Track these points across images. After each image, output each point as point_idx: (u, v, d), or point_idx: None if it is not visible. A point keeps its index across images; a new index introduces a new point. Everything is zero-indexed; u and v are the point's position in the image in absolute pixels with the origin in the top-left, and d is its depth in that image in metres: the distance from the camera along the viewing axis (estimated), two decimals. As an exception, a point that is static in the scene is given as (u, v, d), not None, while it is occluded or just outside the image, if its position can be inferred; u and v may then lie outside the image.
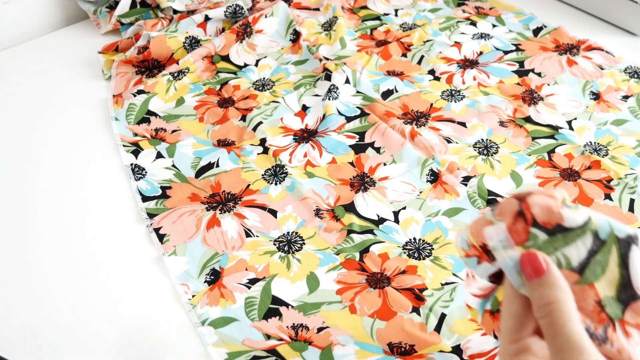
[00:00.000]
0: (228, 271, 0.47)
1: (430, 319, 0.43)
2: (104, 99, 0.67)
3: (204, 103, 0.65)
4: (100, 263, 0.49)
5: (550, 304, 0.25)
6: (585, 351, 0.23)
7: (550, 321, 0.24)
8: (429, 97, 0.64)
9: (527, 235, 0.28)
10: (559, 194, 0.29)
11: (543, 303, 0.25)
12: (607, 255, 0.28)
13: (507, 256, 0.27)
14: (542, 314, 0.25)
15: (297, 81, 0.68)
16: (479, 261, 0.30)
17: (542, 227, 0.28)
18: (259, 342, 0.42)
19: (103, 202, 0.54)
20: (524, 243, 0.28)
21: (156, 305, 0.46)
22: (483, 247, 0.30)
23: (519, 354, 0.25)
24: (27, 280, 0.48)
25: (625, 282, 0.28)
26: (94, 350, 0.43)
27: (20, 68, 0.73)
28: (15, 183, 0.57)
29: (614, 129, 0.60)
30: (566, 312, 0.24)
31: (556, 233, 0.28)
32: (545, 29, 0.75)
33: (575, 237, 0.28)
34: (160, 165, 0.58)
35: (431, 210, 0.52)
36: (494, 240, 0.28)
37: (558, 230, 0.28)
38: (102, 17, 0.79)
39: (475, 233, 0.30)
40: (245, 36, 0.73)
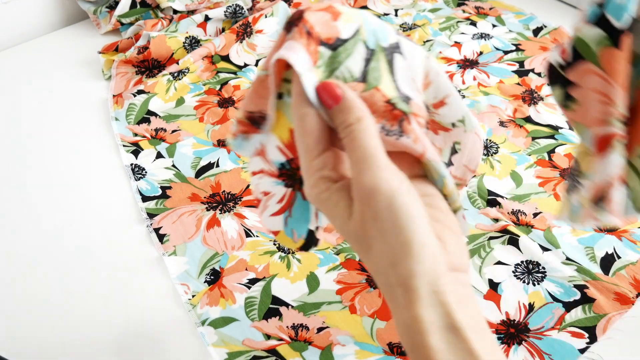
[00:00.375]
0: (228, 271, 0.47)
1: (430, 319, 0.43)
2: (104, 99, 0.67)
3: (204, 103, 0.65)
4: (100, 263, 0.49)
5: (351, 125, 0.26)
6: (378, 159, 0.25)
7: (352, 138, 0.26)
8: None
9: (317, 55, 0.27)
10: (325, 4, 0.29)
11: (345, 125, 0.26)
12: (378, 62, 0.29)
13: (308, 83, 0.26)
14: (345, 134, 0.26)
15: (297, 81, 0.68)
16: (247, 136, 0.31)
17: (326, 43, 0.28)
18: (259, 342, 0.42)
19: (103, 202, 0.54)
20: (316, 64, 0.27)
21: (156, 305, 0.46)
22: (249, 117, 0.30)
23: (323, 168, 0.27)
24: (26, 280, 0.48)
25: (396, 87, 0.29)
26: (93, 350, 0.43)
27: (20, 68, 0.73)
28: (14, 183, 0.57)
29: (614, 129, 0.60)
30: (364, 129, 0.26)
31: (338, 47, 0.28)
32: (545, 29, 0.75)
33: (351, 48, 0.28)
34: (160, 165, 0.58)
35: (431, 210, 0.52)
36: (300, 62, 0.26)
37: (339, 44, 0.28)
38: (102, 17, 0.79)
39: (272, 64, 0.27)
40: (245, 36, 0.73)
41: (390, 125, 0.28)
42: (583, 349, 0.41)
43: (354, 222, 0.27)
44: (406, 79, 0.30)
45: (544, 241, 0.48)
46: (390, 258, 0.26)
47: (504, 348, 0.41)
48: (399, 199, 0.25)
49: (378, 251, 0.26)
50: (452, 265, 0.26)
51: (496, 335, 0.42)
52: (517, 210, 0.51)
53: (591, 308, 0.43)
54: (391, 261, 0.25)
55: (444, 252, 0.26)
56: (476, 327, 0.25)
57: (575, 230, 0.49)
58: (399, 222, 0.25)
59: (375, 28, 0.29)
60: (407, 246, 0.25)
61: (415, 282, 0.25)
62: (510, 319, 0.43)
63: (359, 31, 0.29)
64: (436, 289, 0.25)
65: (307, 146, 0.27)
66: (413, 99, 0.29)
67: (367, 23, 0.29)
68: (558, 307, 0.44)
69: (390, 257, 0.26)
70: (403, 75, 0.30)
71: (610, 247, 0.47)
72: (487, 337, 0.26)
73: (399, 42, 0.30)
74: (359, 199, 0.26)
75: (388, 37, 0.29)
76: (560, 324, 0.42)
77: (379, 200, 0.25)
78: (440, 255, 0.26)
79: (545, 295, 0.44)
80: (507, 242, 0.48)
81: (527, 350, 0.41)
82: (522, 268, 0.46)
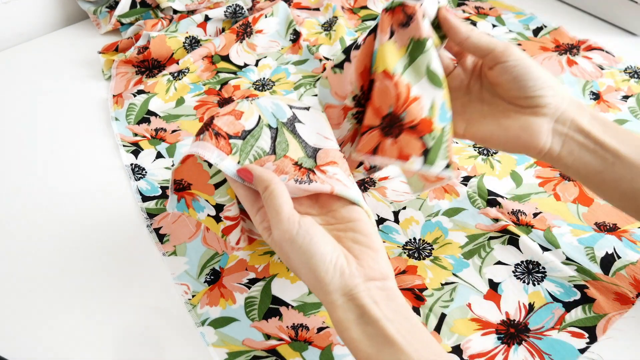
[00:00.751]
0: (228, 271, 0.47)
1: (430, 319, 0.43)
2: (104, 99, 0.67)
3: (204, 103, 0.65)
4: (99, 263, 0.49)
5: (265, 190, 0.36)
6: (282, 215, 0.35)
7: (265, 202, 0.36)
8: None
9: (230, 146, 0.38)
10: (230, 108, 0.40)
11: (261, 192, 0.36)
12: (283, 135, 0.40)
13: (226, 168, 0.38)
14: (264, 198, 0.36)
15: (297, 81, 0.68)
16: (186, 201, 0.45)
17: (235, 136, 0.39)
18: (259, 342, 0.42)
19: (103, 202, 0.54)
20: (231, 153, 0.38)
21: (156, 305, 0.46)
22: (178, 185, 0.44)
23: (262, 221, 0.37)
24: (26, 280, 0.48)
25: (305, 145, 0.40)
26: (93, 350, 0.43)
27: (20, 68, 0.73)
28: (14, 182, 0.57)
29: (614, 129, 0.60)
30: (269, 194, 0.36)
31: (246, 136, 0.39)
32: (545, 29, 0.75)
33: (258, 133, 0.39)
34: (160, 165, 0.58)
35: (431, 210, 0.52)
36: (214, 157, 0.38)
37: (246, 134, 0.39)
38: (102, 17, 0.79)
39: (191, 168, 0.43)
40: (245, 36, 0.73)
41: (301, 178, 0.38)
42: (583, 349, 0.41)
43: (284, 261, 0.37)
44: (312, 135, 0.40)
45: (544, 241, 0.48)
46: (311, 284, 0.35)
47: (504, 348, 0.41)
48: (297, 242, 0.34)
49: (304, 279, 0.36)
50: (368, 276, 0.34)
51: (496, 335, 0.42)
52: (517, 210, 0.51)
53: (591, 308, 0.43)
54: (312, 285, 0.35)
55: (359, 268, 0.35)
56: (396, 318, 0.33)
57: (575, 230, 0.49)
58: (303, 259, 0.34)
59: (272, 112, 0.40)
60: (315, 273, 0.34)
61: (331, 296, 0.34)
62: (510, 319, 0.43)
63: (260, 119, 0.40)
64: (351, 296, 0.34)
65: (247, 208, 0.38)
66: (323, 147, 0.40)
67: (265, 111, 0.40)
68: (558, 307, 0.44)
69: (310, 284, 0.35)
70: (308, 135, 0.40)
71: (610, 247, 0.47)
72: (408, 325, 0.33)
73: (294, 114, 0.41)
74: (276, 249, 0.36)
75: (285, 114, 0.40)
76: (561, 324, 0.42)
77: (284, 247, 0.35)
78: (353, 271, 0.34)
79: (545, 295, 0.44)
80: (507, 242, 0.48)
81: (527, 350, 0.41)
82: (522, 268, 0.46)
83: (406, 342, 0.32)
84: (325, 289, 0.34)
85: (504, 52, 0.39)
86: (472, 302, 0.44)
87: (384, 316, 0.33)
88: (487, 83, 0.41)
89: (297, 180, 0.37)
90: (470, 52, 0.41)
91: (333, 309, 0.34)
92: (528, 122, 0.39)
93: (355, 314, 0.33)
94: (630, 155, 0.38)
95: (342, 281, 0.34)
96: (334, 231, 0.37)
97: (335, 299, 0.34)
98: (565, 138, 0.39)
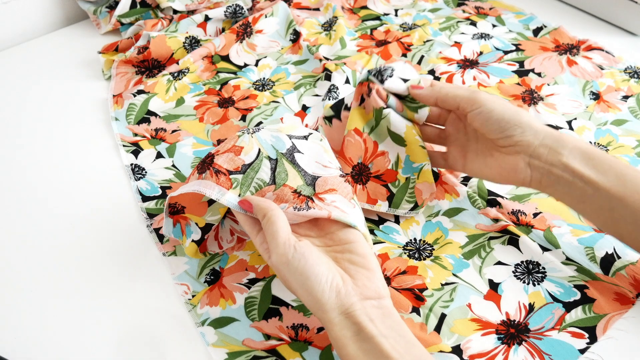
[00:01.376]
0: (228, 271, 0.47)
1: (430, 319, 0.43)
2: (103, 99, 0.67)
3: (204, 103, 0.65)
4: (99, 263, 0.49)
5: (264, 217, 0.38)
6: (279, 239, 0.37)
7: (264, 228, 0.38)
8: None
9: (230, 181, 0.41)
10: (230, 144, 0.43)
11: (261, 219, 0.39)
12: (282, 166, 0.42)
13: (228, 201, 0.40)
14: (263, 224, 0.38)
15: (297, 81, 0.68)
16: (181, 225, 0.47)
17: (235, 171, 0.42)
18: (259, 342, 0.42)
19: (103, 202, 0.54)
20: (232, 187, 0.41)
21: (156, 305, 0.46)
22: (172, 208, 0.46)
23: (262, 243, 0.39)
24: (25, 280, 0.48)
25: (304, 174, 0.43)
26: (93, 351, 0.43)
27: (20, 68, 0.73)
28: (14, 182, 0.57)
29: (614, 129, 0.60)
30: (267, 221, 0.38)
31: (246, 170, 0.42)
32: (545, 29, 0.75)
33: (258, 165, 0.42)
34: (160, 165, 0.58)
35: (431, 211, 0.52)
36: (215, 194, 0.41)
37: (246, 168, 0.42)
38: (102, 17, 0.79)
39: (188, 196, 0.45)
40: (245, 36, 0.73)
41: (300, 205, 0.40)
42: (583, 349, 0.41)
43: (282, 282, 0.39)
44: (311, 164, 0.43)
45: (544, 241, 0.48)
46: (309, 304, 0.37)
47: (504, 348, 0.41)
48: (292, 265, 0.36)
49: (302, 300, 0.37)
50: (364, 295, 0.36)
51: (496, 335, 0.42)
52: (517, 210, 0.51)
53: (591, 308, 0.43)
54: (309, 305, 0.37)
55: (355, 287, 0.36)
56: (391, 335, 0.35)
57: (575, 230, 0.49)
58: (299, 281, 0.36)
59: (272, 144, 0.43)
60: (312, 294, 0.36)
61: (328, 315, 0.36)
62: (511, 319, 0.43)
63: (260, 152, 0.43)
64: (348, 314, 0.35)
65: (247, 232, 0.41)
66: (322, 175, 0.43)
67: (264, 144, 0.43)
68: (558, 307, 0.44)
69: (308, 304, 0.37)
70: (307, 164, 0.43)
71: (610, 247, 0.47)
72: (403, 341, 0.35)
73: (294, 144, 0.44)
74: (275, 271, 0.38)
75: (285, 145, 0.43)
76: (561, 324, 0.42)
77: (281, 270, 0.37)
78: (349, 290, 0.36)
79: (545, 296, 0.44)
80: (507, 242, 0.48)
81: (527, 350, 0.41)
82: (522, 268, 0.46)
83: (401, 357, 0.33)
84: (322, 308, 0.36)
85: (468, 102, 0.44)
86: (472, 302, 0.44)
87: (379, 333, 0.34)
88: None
89: (296, 207, 0.40)
90: (447, 109, 0.47)
91: (331, 327, 0.36)
92: (506, 160, 0.43)
93: (351, 331, 0.35)
94: (610, 186, 0.39)
95: (338, 300, 0.36)
96: (331, 252, 0.39)
97: (332, 317, 0.36)
98: (543, 171, 0.42)
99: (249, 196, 0.41)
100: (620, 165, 0.40)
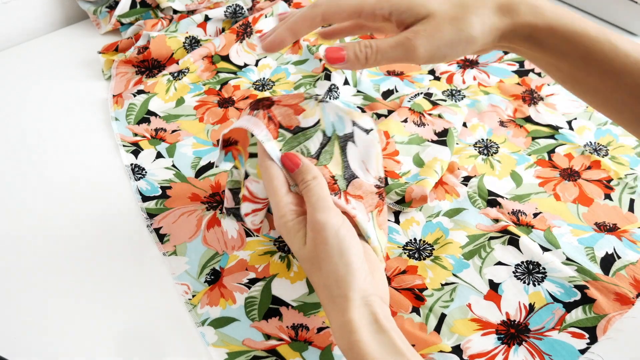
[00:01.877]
0: (228, 271, 0.47)
1: (430, 319, 0.43)
2: (103, 99, 0.67)
3: (204, 103, 0.65)
4: (99, 263, 0.49)
5: (307, 181, 0.37)
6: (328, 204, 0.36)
7: (309, 189, 0.37)
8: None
9: (277, 133, 0.40)
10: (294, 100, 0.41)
11: (304, 182, 0.37)
12: (332, 147, 0.41)
13: (271, 149, 0.39)
14: (303, 187, 0.37)
15: (297, 81, 0.68)
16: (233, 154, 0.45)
17: (287, 128, 0.40)
18: (259, 342, 0.42)
19: (103, 202, 0.54)
20: (276, 138, 0.40)
21: (156, 305, 0.46)
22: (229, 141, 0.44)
23: (290, 203, 0.37)
24: (25, 280, 0.48)
25: (346, 166, 0.41)
26: (93, 350, 0.43)
27: (20, 68, 0.73)
28: (13, 183, 0.57)
29: (614, 129, 0.60)
30: (318, 183, 0.37)
31: (297, 132, 0.40)
32: (545, 29, 0.75)
33: (311, 134, 0.40)
34: (160, 165, 0.58)
35: (432, 211, 0.52)
36: (262, 135, 0.39)
37: (299, 130, 0.40)
38: (102, 17, 0.79)
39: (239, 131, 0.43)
40: (245, 36, 0.73)
41: (332, 191, 0.39)
42: (583, 349, 0.41)
43: (308, 248, 0.36)
44: (356, 160, 0.42)
45: (544, 241, 0.48)
46: (335, 275, 0.35)
47: (504, 348, 0.41)
48: (341, 231, 0.35)
49: (326, 270, 0.35)
50: (377, 293, 0.35)
51: (496, 335, 0.42)
52: (517, 211, 0.51)
53: (591, 308, 0.43)
54: (335, 277, 0.34)
55: (373, 281, 0.36)
56: (399, 333, 0.34)
57: (575, 230, 0.49)
58: (342, 248, 0.34)
59: (333, 121, 0.41)
60: (348, 266, 0.34)
61: (352, 293, 0.34)
62: (511, 319, 0.43)
63: (319, 123, 0.41)
64: (366, 300, 0.34)
65: (275, 187, 0.38)
66: (359, 177, 0.42)
67: (326, 117, 0.41)
68: (558, 307, 0.44)
69: (335, 274, 0.35)
70: (353, 158, 0.42)
71: (610, 247, 0.47)
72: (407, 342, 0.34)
73: (353, 132, 0.41)
74: (312, 229, 0.35)
75: (345, 128, 0.41)
76: (561, 324, 0.42)
77: (328, 230, 0.35)
78: (371, 281, 0.35)
79: (546, 296, 0.44)
80: (507, 242, 0.48)
81: (528, 350, 0.41)
82: (522, 268, 0.46)
83: (413, 357, 0.33)
84: (351, 283, 0.34)
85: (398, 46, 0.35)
86: (472, 302, 0.44)
87: (392, 329, 0.34)
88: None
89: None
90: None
91: (348, 307, 0.34)
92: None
93: (368, 320, 0.34)
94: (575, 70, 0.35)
95: (366, 283, 0.35)
96: None
97: (355, 297, 0.34)
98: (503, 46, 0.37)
99: (298, 154, 0.39)
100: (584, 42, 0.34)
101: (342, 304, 0.34)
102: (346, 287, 0.34)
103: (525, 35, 0.35)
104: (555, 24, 0.34)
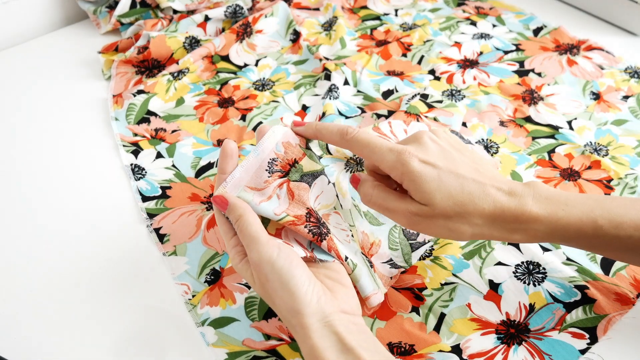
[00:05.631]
0: (228, 271, 0.47)
1: (430, 319, 0.43)
2: (103, 99, 0.67)
3: (204, 103, 0.65)
4: (99, 263, 0.49)
5: (236, 222, 0.37)
6: (259, 238, 0.36)
7: (239, 229, 0.37)
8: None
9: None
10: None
11: (234, 222, 0.38)
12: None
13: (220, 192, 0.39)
14: (236, 227, 0.38)
15: (297, 81, 0.68)
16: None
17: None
18: (259, 342, 0.42)
19: (103, 202, 0.54)
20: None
21: (156, 305, 0.46)
22: None
23: (236, 246, 0.38)
24: (25, 280, 0.48)
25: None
26: (93, 350, 0.43)
27: (19, 68, 0.73)
28: (13, 183, 0.57)
29: (614, 129, 0.60)
30: (244, 222, 0.37)
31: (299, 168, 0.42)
32: (545, 29, 0.75)
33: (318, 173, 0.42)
34: (160, 165, 0.58)
35: (431, 210, 0.52)
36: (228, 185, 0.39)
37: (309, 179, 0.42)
38: (102, 17, 0.79)
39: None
40: (245, 36, 0.73)
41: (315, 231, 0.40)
42: (584, 349, 0.41)
43: (257, 285, 0.37)
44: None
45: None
46: (286, 306, 0.35)
47: (504, 348, 0.41)
48: (278, 263, 0.35)
49: (278, 303, 0.35)
50: (341, 308, 0.36)
51: (496, 335, 0.42)
52: (517, 211, 0.51)
53: (592, 308, 0.43)
54: (287, 308, 0.35)
55: (333, 299, 0.36)
56: (370, 348, 0.34)
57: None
58: (283, 280, 0.35)
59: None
60: (294, 295, 0.34)
61: (307, 320, 0.34)
62: (511, 319, 0.43)
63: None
64: (327, 322, 0.34)
65: (223, 233, 0.39)
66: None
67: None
68: (559, 307, 0.44)
69: (285, 305, 0.35)
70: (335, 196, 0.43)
71: (610, 247, 0.47)
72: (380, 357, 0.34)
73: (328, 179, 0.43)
74: (254, 269, 0.36)
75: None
76: (561, 324, 0.42)
77: (264, 266, 0.35)
78: (329, 299, 0.35)
79: (546, 296, 0.44)
80: (507, 242, 0.48)
81: (527, 350, 0.41)
82: (522, 269, 0.46)
83: None
84: (302, 312, 0.34)
85: (394, 171, 0.38)
86: (472, 302, 0.44)
87: (359, 345, 0.33)
88: None
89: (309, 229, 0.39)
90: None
91: (308, 334, 0.34)
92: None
93: (330, 341, 0.34)
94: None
95: (319, 306, 0.35)
96: (308, 265, 0.38)
97: (311, 322, 0.34)
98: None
99: (226, 193, 0.39)
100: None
101: (301, 332, 0.34)
102: (299, 316, 0.34)
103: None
104: (559, 233, 0.37)
